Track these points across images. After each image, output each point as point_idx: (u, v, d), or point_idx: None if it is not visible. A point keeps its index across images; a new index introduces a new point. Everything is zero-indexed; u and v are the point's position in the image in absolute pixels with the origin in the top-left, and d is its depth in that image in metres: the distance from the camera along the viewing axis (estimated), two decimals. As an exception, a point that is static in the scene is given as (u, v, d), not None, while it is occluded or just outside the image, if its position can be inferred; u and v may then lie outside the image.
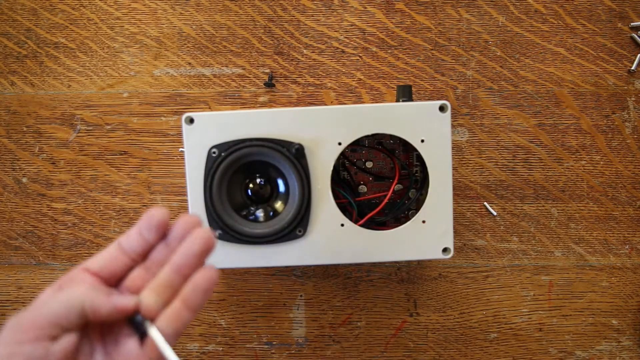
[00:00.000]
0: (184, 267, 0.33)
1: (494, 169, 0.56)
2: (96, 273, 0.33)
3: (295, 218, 0.46)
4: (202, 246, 0.33)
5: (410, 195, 0.51)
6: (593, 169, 0.56)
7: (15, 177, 0.56)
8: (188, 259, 0.33)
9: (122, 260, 0.34)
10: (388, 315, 0.56)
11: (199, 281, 0.33)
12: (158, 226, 0.34)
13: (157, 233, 0.34)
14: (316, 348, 0.56)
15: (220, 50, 0.56)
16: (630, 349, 0.56)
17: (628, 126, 0.56)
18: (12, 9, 0.56)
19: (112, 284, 0.34)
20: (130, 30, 0.56)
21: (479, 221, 0.56)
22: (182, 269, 0.33)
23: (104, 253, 0.34)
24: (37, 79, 0.56)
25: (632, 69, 0.56)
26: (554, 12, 0.56)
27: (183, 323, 0.33)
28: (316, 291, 0.56)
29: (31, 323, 0.30)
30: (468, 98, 0.56)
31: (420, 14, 0.56)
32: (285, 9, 0.56)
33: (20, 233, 0.56)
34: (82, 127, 0.56)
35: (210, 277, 0.33)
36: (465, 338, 0.56)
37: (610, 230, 0.56)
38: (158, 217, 0.33)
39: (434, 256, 0.47)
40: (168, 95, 0.56)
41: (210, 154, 0.45)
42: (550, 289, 0.56)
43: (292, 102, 0.56)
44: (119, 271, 0.34)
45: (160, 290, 0.33)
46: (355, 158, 0.52)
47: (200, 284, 0.33)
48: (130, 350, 0.32)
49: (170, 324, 0.32)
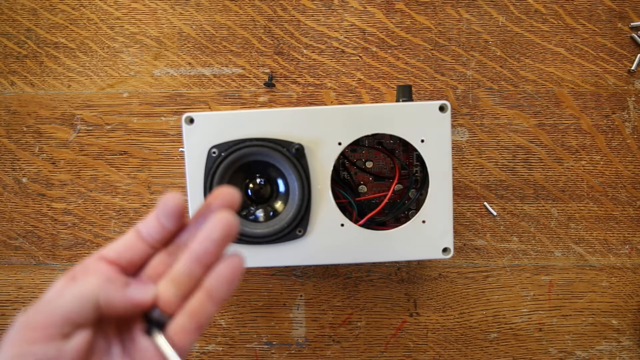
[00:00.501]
0: (203, 256, 0.30)
1: (494, 169, 0.56)
2: (113, 261, 0.31)
3: (295, 218, 0.46)
4: (222, 232, 0.30)
5: (410, 195, 0.51)
6: (593, 169, 0.56)
7: (15, 177, 0.56)
8: (207, 247, 0.30)
9: (141, 248, 0.31)
10: (388, 315, 0.56)
11: (224, 271, 0.30)
12: (174, 213, 0.31)
13: (174, 219, 0.31)
14: (316, 348, 0.56)
15: (220, 50, 0.56)
16: (630, 349, 0.56)
17: (628, 126, 0.56)
18: (12, 9, 0.56)
19: (130, 272, 0.32)
20: (130, 30, 0.56)
21: (479, 221, 0.56)
22: (201, 258, 0.30)
23: (122, 240, 0.31)
24: (37, 79, 0.56)
25: (632, 69, 0.56)
26: (554, 12, 0.56)
27: (207, 317, 0.30)
28: (316, 291, 0.56)
29: (42, 321, 0.28)
30: (468, 98, 0.56)
31: (420, 14, 0.56)
32: (285, 9, 0.56)
33: (20, 233, 0.56)
34: (82, 127, 0.56)
35: (236, 266, 0.31)
36: (465, 338, 0.56)
37: (610, 230, 0.56)
38: (172, 203, 0.31)
39: (434, 256, 0.47)
40: (168, 95, 0.56)
41: (210, 154, 0.45)
42: (550, 289, 0.56)
43: (292, 102, 0.56)
44: (138, 259, 0.31)
45: (179, 281, 0.30)
46: (355, 158, 0.52)
47: (225, 274, 0.30)
48: (148, 347, 0.30)
49: (193, 319, 0.30)
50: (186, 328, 0.30)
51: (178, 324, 0.30)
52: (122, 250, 0.31)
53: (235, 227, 0.30)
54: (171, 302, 0.30)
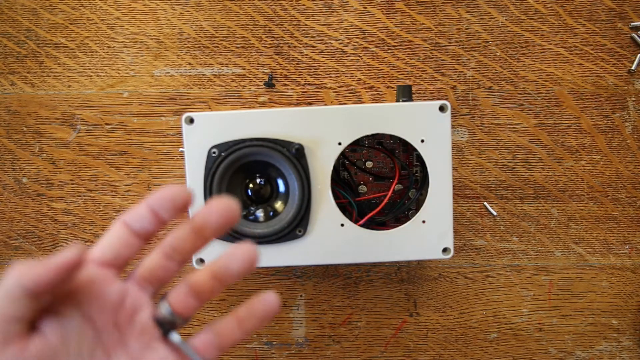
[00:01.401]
0: (221, 279, 0.30)
1: (494, 169, 0.56)
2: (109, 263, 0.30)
3: (295, 218, 0.46)
4: (242, 267, 0.30)
5: (410, 195, 0.51)
6: (593, 169, 0.56)
7: (15, 177, 0.56)
8: (226, 274, 0.30)
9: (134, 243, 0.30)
10: (388, 315, 0.56)
11: (258, 307, 0.31)
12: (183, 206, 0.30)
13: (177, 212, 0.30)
14: (316, 348, 0.56)
15: (220, 50, 0.56)
16: (630, 349, 0.56)
17: (628, 126, 0.56)
18: (12, 9, 0.56)
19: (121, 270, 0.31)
20: (130, 30, 0.56)
21: (479, 221, 0.56)
22: (220, 278, 0.30)
23: (112, 237, 0.30)
24: (37, 79, 0.56)
25: (632, 69, 0.56)
26: (554, 12, 0.56)
27: (232, 341, 0.31)
28: (316, 291, 0.56)
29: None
30: (468, 98, 0.56)
31: (420, 14, 0.56)
32: (285, 9, 0.56)
33: (20, 233, 0.56)
34: (82, 127, 0.56)
35: (270, 306, 0.31)
36: (465, 338, 0.56)
37: (610, 230, 0.56)
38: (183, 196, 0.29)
39: (434, 256, 0.47)
40: (168, 95, 0.56)
41: (210, 154, 0.45)
42: (550, 289, 0.56)
43: (292, 102, 0.56)
44: (132, 256, 0.31)
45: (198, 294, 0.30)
46: (355, 158, 0.52)
47: (258, 310, 0.31)
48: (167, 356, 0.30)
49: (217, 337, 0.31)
50: (208, 343, 0.31)
51: (202, 339, 0.31)
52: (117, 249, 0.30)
53: (255, 263, 0.30)
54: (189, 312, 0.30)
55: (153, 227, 0.30)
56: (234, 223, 0.30)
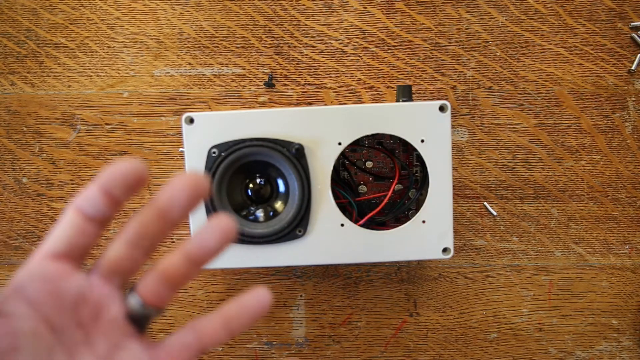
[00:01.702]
0: (197, 259, 0.27)
1: (494, 169, 0.56)
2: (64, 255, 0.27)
3: (295, 218, 0.46)
4: (220, 242, 0.27)
5: (410, 195, 0.51)
6: (593, 169, 0.56)
7: (15, 177, 0.56)
8: (203, 253, 0.27)
9: (91, 230, 0.27)
10: (388, 315, 0.56)
11: (250, 303, 0.28)
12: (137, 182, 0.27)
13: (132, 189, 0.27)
14: (316, 348, 0.56)
15: (220, 50, 0.56)
16: (630, 349, 0.56)
17: (628, 126, 0.56)
18: (12, 9, 0.56)
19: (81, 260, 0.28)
20: (130, 30, 0.56)
21: (479, 221, 0.56)
22: (195, 260, 0.27)
23: (66, 226, 0.27)
24: (37, 79, 0.56)
25: (632, 69, 0.56)
26: (554, 12, 0.56)
27: (215, 344, 0.28)
28: (316, 291, 0.56)
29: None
30: (468, 98, 0.56)
31: (420, 14, 0.56)
32: (285, 9, 0.56)
33: (20, 233, 0.56)
34: (82, 127, 0.56)
35: (262, 303, 0.28)
36: (465, 338, 0.56)
37: (610, 230, 0.56)
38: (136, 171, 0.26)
39: (434, 256, 0.47)
40: (168, 95, 0.56)
41: (210, 154, 0.45)
42: (550, 289, 0.56)
43: (292, 102, 0.56)
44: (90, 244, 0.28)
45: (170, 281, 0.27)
46: (355, 158, 0.52)
47: (250, 307, 0.28)
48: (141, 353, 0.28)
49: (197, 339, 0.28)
50: (186, 345, 0.28)
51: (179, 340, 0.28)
52: (71, 238, 0.27)
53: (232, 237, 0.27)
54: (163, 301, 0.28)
55: (108, 209, 0.27)
56: (203, 198, 0.27)
